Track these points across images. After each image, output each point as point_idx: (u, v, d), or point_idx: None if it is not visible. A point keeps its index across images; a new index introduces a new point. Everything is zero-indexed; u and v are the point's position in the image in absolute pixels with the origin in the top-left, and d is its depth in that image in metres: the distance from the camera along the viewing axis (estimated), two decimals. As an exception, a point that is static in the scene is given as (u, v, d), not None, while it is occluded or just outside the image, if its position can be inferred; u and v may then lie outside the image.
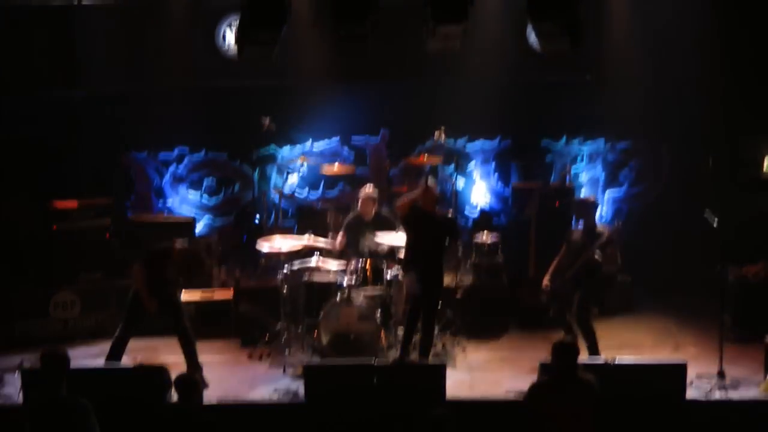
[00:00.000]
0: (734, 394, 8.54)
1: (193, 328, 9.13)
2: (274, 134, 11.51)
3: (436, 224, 9.13)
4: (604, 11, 11.58)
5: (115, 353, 8.83)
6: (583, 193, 12.35)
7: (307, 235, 10.10)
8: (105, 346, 9.09)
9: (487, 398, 8.49)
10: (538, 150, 12.39)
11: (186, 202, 12.52)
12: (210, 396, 8.54)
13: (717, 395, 8.50)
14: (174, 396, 6.92)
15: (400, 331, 9.37)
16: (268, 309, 10.15)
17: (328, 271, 9.79)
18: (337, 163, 11.60)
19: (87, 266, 10.79)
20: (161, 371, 7.90)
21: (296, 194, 12.33)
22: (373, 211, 10.23)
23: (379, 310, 9.50)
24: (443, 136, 11.12)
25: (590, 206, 9.62)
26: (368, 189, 10.31)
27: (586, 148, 12.42)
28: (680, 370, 7.98)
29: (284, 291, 9.73)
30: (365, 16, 8.66)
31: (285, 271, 9.76)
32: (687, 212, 11.44)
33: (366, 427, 7.77)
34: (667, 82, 11.64)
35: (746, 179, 11.33)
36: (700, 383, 8.63)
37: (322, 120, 12.21)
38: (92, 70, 11.88)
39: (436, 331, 9.44)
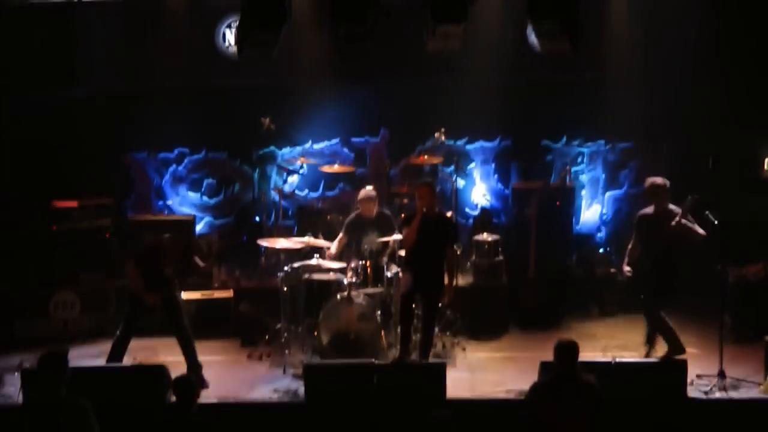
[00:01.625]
0: (734, 394, 8.53)
1: (193, 328, 9.13)
2: (274, 134, 11.50)
3: (436, 225, 9.11)
4: (604, 11, 11.57)
5: (116, 354, 8.81)
6: (584, 194, 12.33)
7: (307, 237, 10.10)
8: (105, 346, 9.09)
9: (487, 398, 8.48)
10: (538, 150, 12.38)
11: (186, 203, 12.52)
12: (210, 396, 8.55)
13: (717, 395, 8.50)
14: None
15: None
16: (268, 309, 10.15)
17: (328, 271, 9.79)
18: (337, 163, 11.59)
19: (87, 266, 10.80)
20: (161, 371, 7.90)
21: (296, 194, 12.32)
22: (375, 211, 10.21)
23: (379, 310, 9.51)
24: (443, 136, 11.12)
25: (661, 188, 9.42)
26: (367, 189, 10.28)
27: (587, 149, 12.41)
28: (680, 369, 7.98)
29: (284, 291, 9.73)
30: (365, 16, 8.67)
31: (285, 270, 9.76)
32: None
33: (366, 428, 7.77)
34: (667, 81, 11.63)
35: (746, 179, 11.32)
36: (700, 383, 8.63)
37: (322, 120, 12.19)
38: (92, 70, 11.89)
39: (436, 331, 9.44)
